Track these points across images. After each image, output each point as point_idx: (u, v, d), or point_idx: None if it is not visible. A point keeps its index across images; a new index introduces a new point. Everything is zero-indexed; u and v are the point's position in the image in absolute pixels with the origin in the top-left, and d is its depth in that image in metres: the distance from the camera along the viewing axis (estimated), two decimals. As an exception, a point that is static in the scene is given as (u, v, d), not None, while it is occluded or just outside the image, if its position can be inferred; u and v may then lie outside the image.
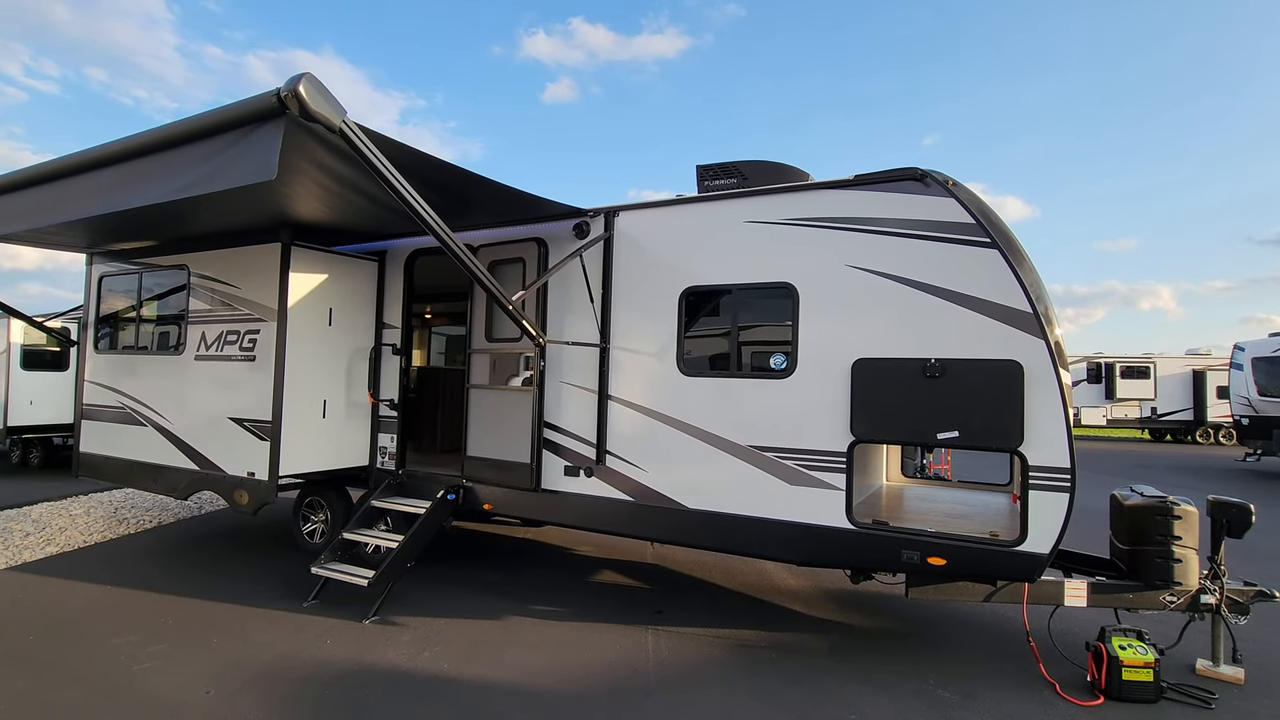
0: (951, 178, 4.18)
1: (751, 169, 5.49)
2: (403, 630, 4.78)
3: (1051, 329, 3.94)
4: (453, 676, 4.10)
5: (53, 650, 4.36)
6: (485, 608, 5.27)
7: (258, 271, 5.84)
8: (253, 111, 2.93)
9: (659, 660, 4.40)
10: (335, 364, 6.14)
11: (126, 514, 8.50)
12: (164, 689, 3.84)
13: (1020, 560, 3.92)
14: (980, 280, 4.04)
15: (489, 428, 5.73)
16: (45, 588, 5.62)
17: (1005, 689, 4.04)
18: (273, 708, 3.66)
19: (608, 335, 5.24)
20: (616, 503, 5.13)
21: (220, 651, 4.36)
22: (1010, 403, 3.87)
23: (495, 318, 5.80)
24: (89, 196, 3.50)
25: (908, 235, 4.25)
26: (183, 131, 3.14)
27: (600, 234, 5.25)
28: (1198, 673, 4.27)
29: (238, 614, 5.05)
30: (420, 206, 3.48)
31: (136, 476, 6.70)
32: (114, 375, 6.99)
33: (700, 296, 5.02)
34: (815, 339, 4.51)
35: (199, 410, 6.23)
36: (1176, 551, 4.17)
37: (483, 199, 4.96)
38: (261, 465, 5.66)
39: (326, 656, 4.32)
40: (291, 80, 2.82)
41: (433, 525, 5.48)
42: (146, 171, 3.27)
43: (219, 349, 6.06)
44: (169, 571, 6.09)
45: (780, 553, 4.62)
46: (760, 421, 4.65)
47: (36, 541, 7.03)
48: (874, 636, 4.89)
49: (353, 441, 6.32)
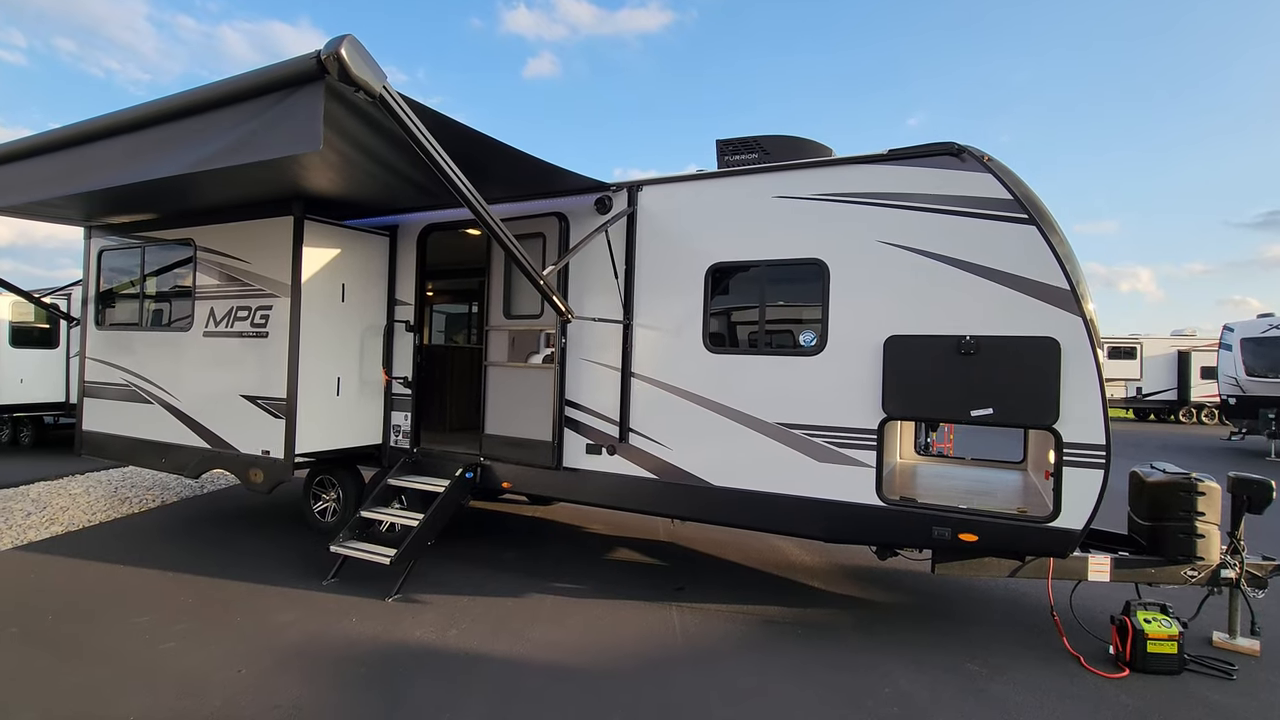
0: (987, 153, 4.13)
1: (772, 143, 5.42)
2: (426, 608, 4.75)
3: (1087, 305, 3.94)
4: (483, 653, 4.08)
5: (74, 630, 4.29)
6: (505, 585, 5.26)
7: (268, 246, 5.69)
8: (290, 74, 2.81)
9: (686, 635, 4.41)
10: (348, 341, 6.03)
11: (127, 493, 8.38)
12: (194, 667, 3.79)
13: (1053, 536, 3.96)
14: (1017, 256, 4.02)
15: (508, 406, 5.67)
16: (55, 567, 5.52)
17: (1030, 662, 4.11)
18: (307, 686, 3.63)
19: (631, 312, 5.18)
20: (640, 480, 5.11)
21: (244, 630, 4.32)
22: (1047, 380, 3.87)
23: (514, 294, 5.71)
24: (111, 165, 3.36)
25: (942, 211, 4.20)
26: (213, 95, 3.01)
27: (624, 209, 5.15)
28: (1214, 645, 4.37)
29: (256, 592, 5.00)
30: (459, 178, 3.38)
31: (143, 454, 6.59)
32: (117, 352, 6.83)
33: (727, 272, 4.96)
34: (846, 316, 4.47)
35: (209, 388, 6.11)
36: (1199, 527, 4.23)
37: (504, 169, 4.84)
38: (276, 443, 5.57)
39: (354, 634, 4.29)
40: (333, 42, 2.70)
41: (452, 503, 5.43)
42: (173, 138, 3.13)
43: (229, 325, 5.93)
44: (181, 550, 6.00)
45: (808, 529, 4.63)
46: (789, 399, 4.62)
47: (39, 521, 6.90)
48: (895, 611, 4.93)
49: (366, 419, 6.24)
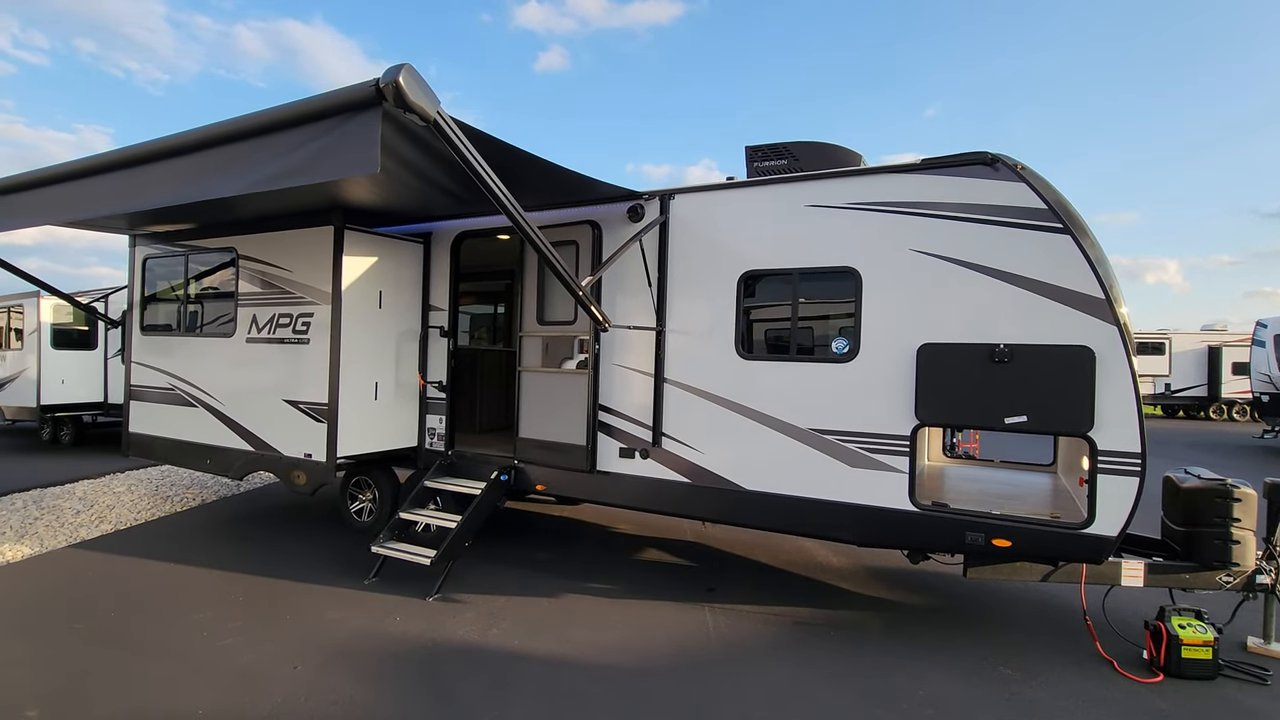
0: (1021, 162, 4.16)
1: (802, 150, 5.47)
2: (466, 608, 4.90)
3: (1121, 311, 3.96)
4: (524, 652, 4.21)
5: (135, 626, 4.49)
6: (540, 585, 5.39)
7: (309, 254, 5.87)
8: (349, 101, 2.93)
9: (720, 636, 4.51)
10: (385, 346, 6.20)
11: (168, 491, 8.65)
12: (252, 663, 3.97)
13: (1087, 542, 3.99)
14: (1051, 265, 4.05)
15: (542, 410, 5.80)
16: (110, 565, 5.75)
17: (1063, 666, 4.15)
18: (361, 682, 3.78)
19: (664, 318, 5.27)
20: (673, 484, 5.21)
21: (295, 628, 4.49)
22: (1081, 388, 3.91)
23: (547, 301, 5.83)
24: (177, 182, 3.51)
25: (975, 220, 4.24)
26: (275, 119, 3.14)
27: (656, 217, 5.24)
28: (1249, 650, 4.38)
29: (301, 590, 5.18)
30: (505, 194, 3.49)
31: (188, 456, 6.82)
32: (162, 356, 7.06)
33: (758, 280, 5.04)
34: (879, 323, 4.53)
35: (252, 392, 6.31)
36: (1235, 533, 4.24)
37: (539, 180, 4.95)
38: (318, 446, 5.75)
39: (399, 633, 4.45)
40: (391, 71, 2.82)
41: (488, 505, 5.58)
42: (236, 158, 3.28)
43: (271, 331, 6.12)
44: (225, 548, 6.22)
45: (841, 534, 4.70)
46: (821, 405, 4.69)
47: (89, 519, 7.17)
48: (926, 614, 4.99)
49: (402, 423, 6.41)
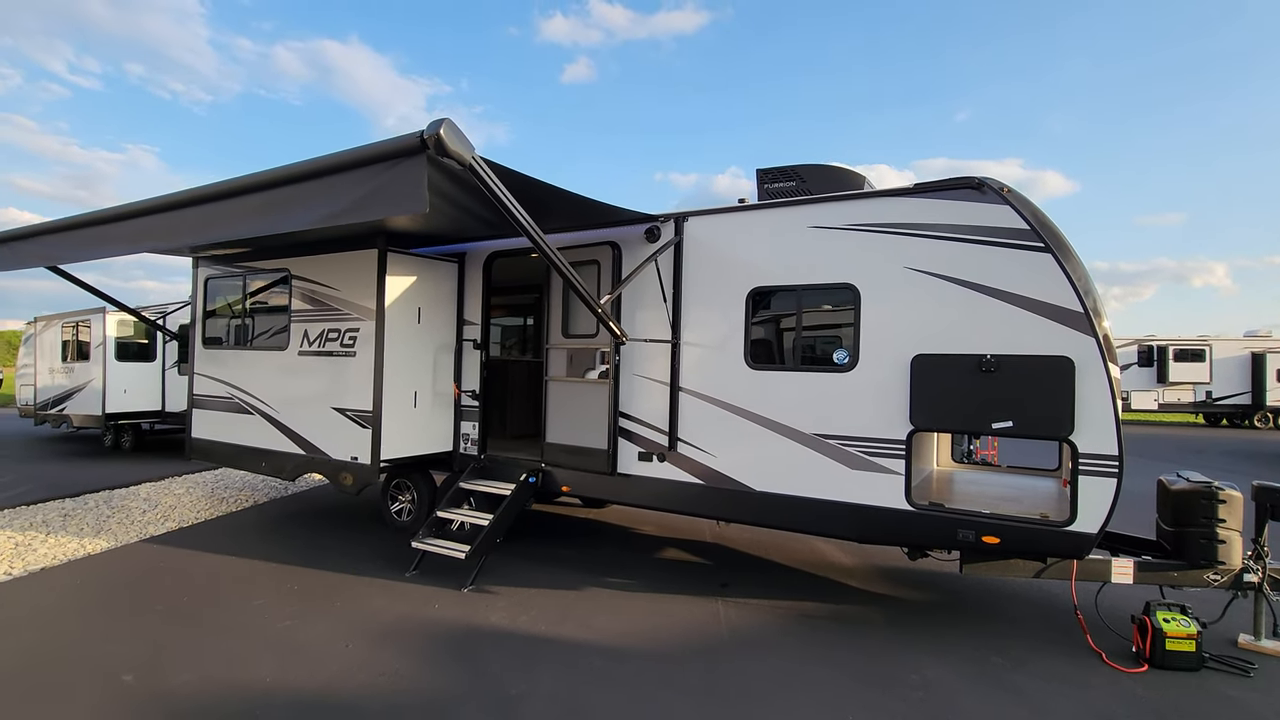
0: (1007, 185, 4.48)
1: (809, 172, 5.86)
2: (498, 598, 5.35)
3: (1101, 324, 4.24)
4: (550, 637, 4.64)
5: (206, 610, 5.04)
6: (566, 579, 5.82)
7: (355, 275, 6.43)
8: (398, 149, 3.42)
9: (731, 626, 4.87)
10: (423, 358, 6.73)
11: (223, 493, 9.33)
12: (309, 641, 4.47)
13: (1069, 539, 4.27)
14: (1033, 281, 4.35)
15: (566, 417, 6.25)
16: (179, 557, 6.36)
17: (1053, 656, 4.41)
18: (406, 658, 4.25)
19: (678, 331, 5.69)
20: (688, 486, 5.60)
21: (345, 613, 4.99)
22: (1061, 395, 4.20)
23: (571, 316, 6.29)
24: (243, 218, 4.06)
25: (964, 240, 4.57)
26: (334, 163, 3.65)
27: (671, 238, 5.67)
28: (1240, 646, 4.57)
29: (349, 581, 5.69)
30: (530, 226, 3.95)
31: (245, 459, 7.43)
32: (222, 369, 7.72)
33: (766, 296, 5.42)
34: (876, 336, 4.87)
35: (304, 401, 6.90)
36: (1220, 533, 4.46)
37: (563, 207, 5.42)
38: (364, 450, 6.29)
39: (438, 618, 4.91)
40: (433, 125, 3.31)
41: (517, 505, 6.03)
42: (301, 197, 3.80)
43: (321, 345, 6.70)
44: (278, 545, 6.79)
45: (842, 531, 5.03)
46: (824, 411, 5.05)
47: (155, 518, 7.84)
48: (926, 609, 5.28)
49: (438, 429, 6.92)
